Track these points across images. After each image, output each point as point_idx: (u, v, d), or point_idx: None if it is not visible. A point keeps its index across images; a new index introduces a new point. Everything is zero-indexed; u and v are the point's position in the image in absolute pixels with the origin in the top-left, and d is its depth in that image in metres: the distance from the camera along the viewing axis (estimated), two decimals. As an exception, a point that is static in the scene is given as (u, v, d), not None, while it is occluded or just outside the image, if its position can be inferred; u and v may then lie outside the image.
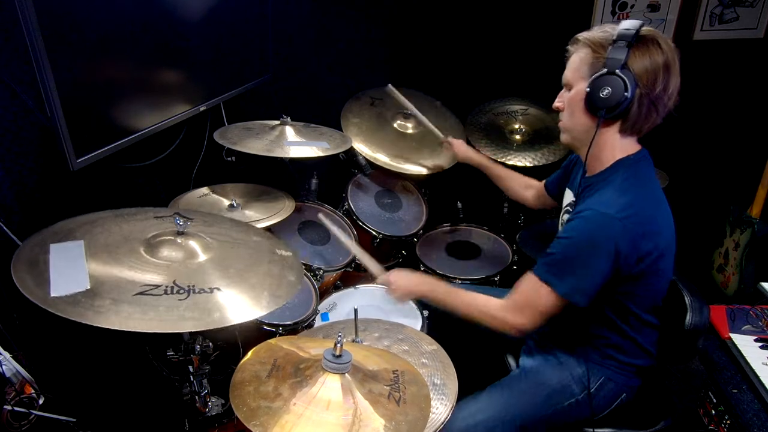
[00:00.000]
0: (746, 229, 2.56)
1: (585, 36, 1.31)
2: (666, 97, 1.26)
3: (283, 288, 1.15)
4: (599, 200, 1.27)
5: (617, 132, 1.32)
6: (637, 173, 1.32)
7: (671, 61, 1.23)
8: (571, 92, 1.34)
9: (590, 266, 1.24)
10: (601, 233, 1.22)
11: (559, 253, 1.28)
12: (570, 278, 1.26)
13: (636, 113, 1.26)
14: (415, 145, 2.41)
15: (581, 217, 1.26)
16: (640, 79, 1.22)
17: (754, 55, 2.76)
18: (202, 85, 1.95)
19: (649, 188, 1.32)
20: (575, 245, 1.26)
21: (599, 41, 1.27)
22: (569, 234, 1.27)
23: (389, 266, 2.40)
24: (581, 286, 1.26)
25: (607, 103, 1.24)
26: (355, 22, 2.74)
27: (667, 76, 1.23)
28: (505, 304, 1.35)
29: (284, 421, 0.92)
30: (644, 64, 1.22)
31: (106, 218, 1.25)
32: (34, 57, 1.18)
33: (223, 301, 1.04)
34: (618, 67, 1.22)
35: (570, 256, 1.26)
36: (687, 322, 1.40)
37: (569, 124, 1.38)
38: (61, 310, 0.92)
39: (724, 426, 1.43)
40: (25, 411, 1.27)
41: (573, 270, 1.25)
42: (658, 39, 1.24)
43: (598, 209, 1.24)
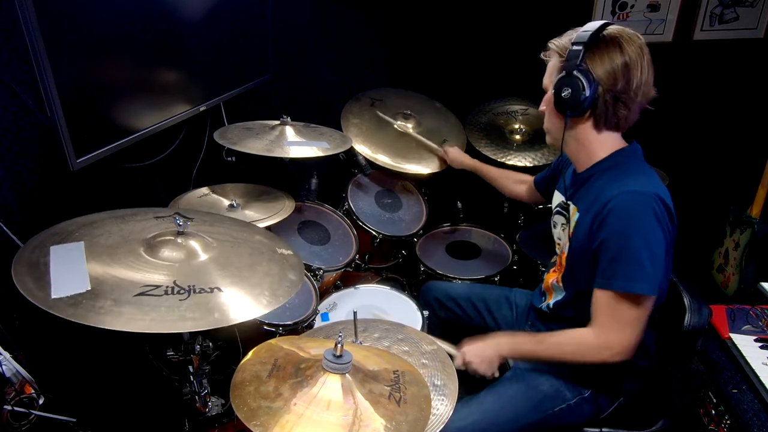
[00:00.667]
0: (746, 229, 2.56)
1: (554, 42, 1.37)
2: (632, 93, 1.28)
3: (284, 287, 1.15)
4: (616, 186, 1.27)
5: (593, 128, 1.35)
6: (638, 160, 1.36)
7: (632, 60, 1.25)
8: (546, 97, 1.40)
9: (650, 245, 1.22)
10: (640, 211, 1.22)
11: (617, 256, 1.25)
12: (646, 270, 1.22)
13: (603, 110, 1.30)
14: (415, 146, 2.41)
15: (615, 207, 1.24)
16: (600, 78, 1.26)
17: (754, 55, 2.76)
18: (202, 85, 1.95)
19: (653, 173, 1.34)
20: (625, 239, 1.23)
21: (564, 46, 1.32)
22: (614, 230, 1.25)
23: (389, 266, 2.42)
24: (656, 273, 1.24)
25: (570, 103, 1.29)
26: (355, 22, 2.74)
27: (628, 74, 1.26)
28: (598, 332, 1.30)
29: (285, 421, 0.91)
30: (602, 63, 1.26)
31: (106, 219, 1.25)
32: (34, 57, 1.18)
33: (224, 301, 1.04)
34: (574, 68, 1.26)
35: (628, 252, 1.23)
36: (686, 323, 1.40)
37: (547, 125, 1.45)
38: (62, 311, 0.92)
39: (724, 426, 1.43)
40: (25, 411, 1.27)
41: (645, 260, 1.22)
42: (620, 38, 1.27)
43: (623, 190, 1.24)
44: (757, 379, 1.41)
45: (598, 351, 1.30)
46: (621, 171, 1.32)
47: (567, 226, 1.46)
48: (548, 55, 1.38)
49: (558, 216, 1.53)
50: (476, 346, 1.46)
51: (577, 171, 1.44)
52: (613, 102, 1.28)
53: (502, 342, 1.47)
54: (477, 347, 1.46)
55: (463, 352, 1.46)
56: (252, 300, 1.07)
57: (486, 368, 1.44)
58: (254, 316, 1.04)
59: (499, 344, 1.46)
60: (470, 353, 1.45)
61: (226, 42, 2.06)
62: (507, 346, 1.46)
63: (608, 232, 1.26)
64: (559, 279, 1.48)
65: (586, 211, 1.35)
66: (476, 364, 1.44)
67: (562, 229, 1.50)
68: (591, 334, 1.31)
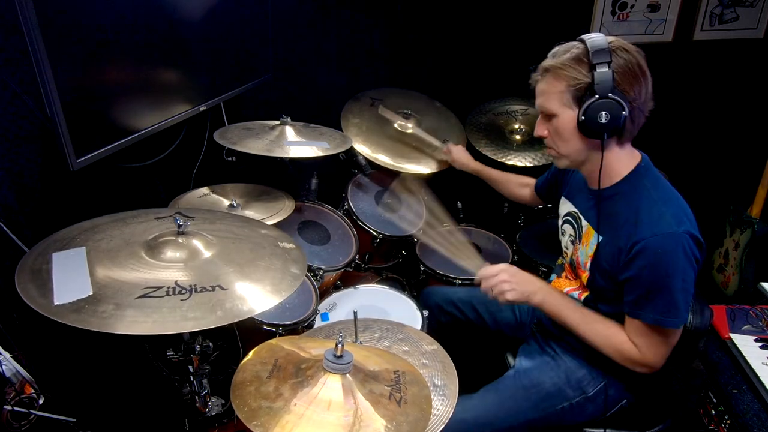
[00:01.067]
0: (746, 229, 2.56)
1: (553, 63, 1.28)
2: (648, 100, 1.28)
3: (286, 281, 1.15)
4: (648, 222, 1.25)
5: (616, 145, 1.32)
6: (657, 179, 1.34)
7: (643, 68, 1.25)
8: (558, 121, 1.31)
9: (686, 286, 1.23)
10: (676, 254, 1.21)
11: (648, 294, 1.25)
12: (679, 306, 1.24)
13: (630, 125, 1.28)
14: (415, 145, 2.41)
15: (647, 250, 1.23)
16: (627, 93, 1.24)
17: (754, 55, 2.76)
18: (202, 85, 1.95)
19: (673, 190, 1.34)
20: (658, 282, 1.23)
21: (572, 65, 1.25)
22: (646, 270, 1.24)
23: (389, 266, 2.42)
24: (688, 304, 1.26)
25: (608, 127, 1.24)
26: (355, 23, 2.74)
27: (645, 79, 1.25)
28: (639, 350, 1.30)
29: (285, 422, 0.91)
30: (627, 77, 1.23)
31: (108, 223, 1.25)
32: (34, 57, 1.18)
33: (225, 299, 1.04)
34: (609, 90, 1.21)
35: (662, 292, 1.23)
36: (688, 323, 1.40)
37: (565, 150, 1.36)
38: (64, 318, 0.92)
39: (724, 426, 1.43)
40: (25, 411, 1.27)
41: (676, 298, 1.23)
42: (627, 49, 1.25)
43: (659, 233, 1.22)
44: (757, 379, 1.41)
45: (636, 365, 1.33)
46: (645, 197, 1.29)
47: (578, 241, 1.45)
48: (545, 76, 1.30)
49: (567, 226, 1.52)
50: (518, 271, 1.44)
51: (591, 185, 1.40)
52: (638, 114, 1.28)
53: (540, 284, 1.44)
54: (519, 272, 1.43)
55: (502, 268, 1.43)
56: (254, 296, 1.07)
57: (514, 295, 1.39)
58: (257, 312, 1.04)
59: (536, 283, 1.43)
60: (508, 269, 1.43)
61: (226, 42, 2.06)
62: (545, 293, 1.42)
63: (638, 272, 1.25)
64: (582, 296, 1.47)
65: (611, 240, 1.32)
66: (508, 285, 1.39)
67: (570, 240, 1.50)
68: (634, 349, 1.31)
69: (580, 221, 1.45)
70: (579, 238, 1.45)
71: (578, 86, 1.25)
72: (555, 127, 1.33)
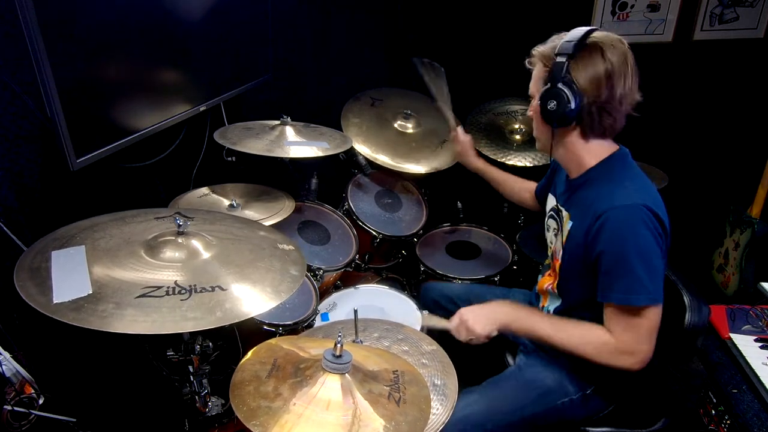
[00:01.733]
0: (746, 229, 2.56)
1: (537, 50, 1.36)
2: (615, 102, 1.27)
3: (286, 282, 1.15)
4: (606, 199, 1.27)
5: (580, 137, 1.35)
6: (628, 165, 1.36)
7: (615, 69, 1.24)
8: (533, 104, 1.39)
9: (649, 258, 1.23)
10: (631, 225, 1.22)
11: (612, 270, 1.25)
12: (643, 280, 1.22)
13: (589, 120, 1.30)
14: (415, 145, 2.41)
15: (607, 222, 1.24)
16: (584, 89, 1.25)
17: (754, 55, 2.76)
18: (202, 85, 1.95)
19: (645, 178, 1.34)
20: (619, 253, 1.23)
21: (547, 54, 1.32)
22: (608, 245, 1.24)
23: (389, 266, 2.42)
24: (655, 279, 1.24)
25: (556, 115, 1.29)
26: (354, 22, 2.74)
27: (611, 83, 1.25)
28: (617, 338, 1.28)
29: (284, 421, 0.91)
30: (586, 74, 1.25)
31: (107, 222, 1.25)
32: (34, 57, 1.18)
33: (225, 299, 1.04)
34: (559, 81, 1.25)
35: (623, 266, 1.23)
36: (686, 321, 1.40)
37: (536, 133, 1.44)
38: (64, 316, 0.92)
39: (724, 426, 1.43)
40: (25, 411, 1.27)
41: (641, 272, 1.22)
42: (603, 46, 1.25)
43: (613, 205, 1.24)
44: (757, 379, 1.41)
45: (620, 356, 1.29)
46: (610, 179, 1.32)
47: (559, 231, 1.46)
48: (532, 62, 1.38)
49: (551, 220, 1.53)
50: (474, 307, 1.47)
51: (569, 177, 1.44)
52: (598, 112, 1.28)
53: (503, 308, 1.45)
54: (474, 308, 1.46)
55: (460, 312, 1.45)
56: (254, 297, 1.07)
57: (480, 328, 1.40)
58: (256, 313, 1.04)
59: (497, 310, 1.45)
60: (466, 312, 1.44)
61: (226, 42, 2.06)
62: (509, 315, 1.43)
63: (602, 247, 1.26)
64: (554, 286, 1.48)
65: (579, 222, 1.35)
66: (471, 323, 1.41)
67: (554, 234, 1.50)
68: (610, 338, 1.29)
69: (560, 213, 1.46)
70: (560, 230, 1.46)
71: (546, 74, 1.31)
72: (532, 110, 1.41)
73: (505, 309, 1.46)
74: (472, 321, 1.42)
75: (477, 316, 1.43)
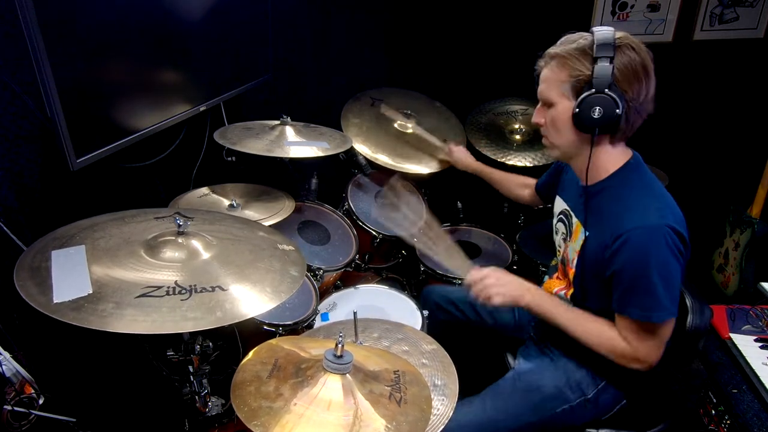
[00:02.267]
0: (746, 229, 2.56)
1: (558, 51, 1.28)
2: (648, 102, 1.26)
3: (286, 283, 1.15)
4: (628, 216, 1.24)
5: (608, 143, 1.32)
6: (645, 176, 1.33)
7: (648, 67, 1.23)
8: (555, 110, 1.31)
9: (670, 278, 1.22)
10: (658, 247, 1.20)
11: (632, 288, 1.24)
12: (662, 300, 1.22)
13: (624, 124, 1.26)
14: (416, 145, 2.41)
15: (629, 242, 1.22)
16: (626, 92, 1.23)
17: (754, 55, 2.76)
18: (202, 85, 1.95)
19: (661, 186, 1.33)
20: (640, 273, 1.22)
21: (576, 56, 1.24)
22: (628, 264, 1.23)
23: (389, 266, 2.42)
24: (674, 297, 1.24)
25: (600, 122, 1.24)
26: (354, 22, 2.74)
27: (648, 80, 1.24)
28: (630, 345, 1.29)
29: (285, 421, 0.91)
30: (628, 76, 1.22)
31: (107, 221, 1.25)
32: (34, 57, 1.18)
33: (225, 299, 1.04)
34: (606, 86, 1.21)
35: (643, 286, 1.23)
36: (688, 324, 1.40)
37: (558, 141, 1.36)
38: (64, 316, 0.92)
39: (724, 426, 1.43)
40: (25, 411, 1.27)
41: (661, 292, 1.22)
42: (636, 48, 1.23)
43: (641, 225, 1.22)
44: (757, 379, 1.41)
45: (630, 361, 1.31)
46: (630, 193, 1.29)
47: (569, 238, 1.45)
48: (549, 63, 1.30)
49: (560, 224, 1.52)
50: (502, 272, 1.43)
51: (582, 183, 1.40)
52: (634, 114, 1.26)
53: (531, 289, 1.42)
54: (503, 273, 1.42)
55: (486, 271, 1.42)
56: (254, 297, 1.07)
57: (500, 298, 1.38)
58: (256, 313, 1.04)
59: (523, 286, 1.41)
60: (492, 275, 1.41)
61: (226, 42, 2.06)
62: (532, 295, 1.40)
63: (621, 265, 1.24)
64: (568, 294, 1.47)
65: (595, 235, 1.32)
66: (494, 287, 1.38)
67: (563, 238, 1.49)
68: (625, 345, 1.30)
69: (571, 218, 1.45)
70: (570, 235, 1.45)
71: (578, 78, 1.24)
72: (552, 116, 1.33)
73: (530, 288, 1.42)
74: (494, 286, 1.39)
75: (501, 283, 1.39)
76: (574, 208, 1.45)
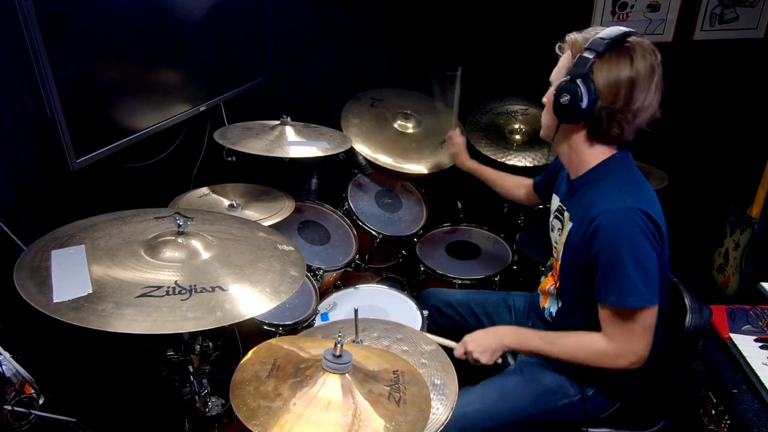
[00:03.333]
0: (746, 229, 2.56)
1: (571, 37, 1.30)
2: (629, 113, 1.23)
3: (286, 283, 1.15)
4: (602, 202, 1.26)
5: (585, 140, 1.32)
6: (627, 167, 1.34)
7: (638, 79, 1.20)
8: (549, 91, 1.36)
9: (644, 261, 1.22)
10: (625, 228, 1.21)
11: (606, 273, 1.24)
12: (636, 283, 1.22)
13: (596, 124, 1.26)
14: (415, 146, 2.41)
15: (600, 225, 1.23)
16: (600, 91, 1.22)
17: (754, 55, 2.76)
18: (202, 85, 1.95)
19: (644, 180, 1.33)
20: (612, 256, 1.22)
21: (579, 44, 1.26)
22: (602, 248, 1.24)
23: (389, 266, 2.42)
24: (649, 281, 1.23)
25: (566, 110, 1.26)
26: (355, 22, 2.74)
27: (630, 93, 1.21)
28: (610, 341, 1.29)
29: (284, 421, 0.91)
30: (608, 76, 1.21)
31: (107, 221, 1.25)
32: (34, 57, 1.18)
33: (225, 299, 1.04)
34: (579, 76, 1.21)
35: (616, 269, 1.22)
36: (687, 323, 1.40)
37: (544, 120, 1.42)
38: (64, 315, 0.92)
39: (724, 426, 1.43)
40: (25, 411, 1.27)
41: (634, 275, 1.21)
42: (633, 53, 1.21)
43: (608, 208, 1.23)
44: (757, 379, 1.41)
45: (614, 359, 1.30)
46: (609, 182, 1.30)
47: (562, 232, 1.46)
48: (563, 48, 1.33)
49: (555, 220, 1.53)
50: (477, 334, 1.47)
51: (570, 177, 1.43)
52: (608, 118, 1.25)
53: (506, 332, 1.47)
54: (478, 335, 1.47)
55: (465, 341, 1.47)
56: (254, 298, 1.07)
57: (488, 357, 1.44)
58: (256, 313, 1.04)
59: (501, 334, 1.46)
60: (471, 342, 1.46)
61: (226, 42, 2.06)
62: (511, 338, 1.46)
63: (597, 250, 1.25)
64: (555, 288, 1.48)
65: (577, 224, 1.35)
66: (477, 353, 1.43)
67: (558, 234, 1.50)
68: (604, 342, 1.30)
69: (563, 213, 1.46)
70: (562, 230, 1.46)
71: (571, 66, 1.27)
72: (547, 96, 1.38)
73: (506, 334, 1.47)
74: (477, 353, 1.44)
75: (481, 348, 1.44)
76: (564, 202, 1.46)
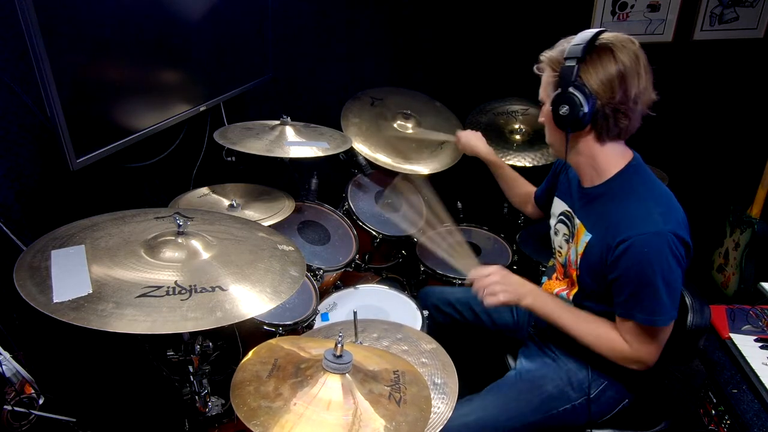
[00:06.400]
0: (746, 229, 2.56)
1: (545, 55, 1.34)
2: (630, 102, 1.25)
3: (286, 283, 1.15)
4: (635, 222, 1.25)
5: (596, 141, 1.33)
6: (647, 178, 1.34)
7: (627, 69, 1.22)
8: (544, 109, 1.38)
9: (673, 283, 1.24)
10: (662, 253, 1.21)
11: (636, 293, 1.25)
12: (666, 304, 1.24)
13: (604, 123, 1.28)
14: (415, 146, 2.41)
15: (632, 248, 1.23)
16: (596, 92, 1.24)
17: (754, 55, 2.76)
18: (202, 84, 1.95)
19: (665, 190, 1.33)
20: (644, 279, 1.23)
21: (556, 59, 1.30)
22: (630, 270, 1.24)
23: (389, 266, 2.42)
24: (676, 301, 1.26)
25: (569, 120, 1.27)
26: (355, 22, 2.74)
27: (624, 84, 1.23)
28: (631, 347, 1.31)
29: (284, 421, 0.92)
30: (597, 77, 1.23)
31: (107, 221, 1.25)
32: (34, 57, 1.18)
33: (225, 299, 1.04)
34: (569, 85, 1.24)
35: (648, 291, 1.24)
36: (688, 322, 1.40)
37: (550, 140, 1.43)
38: (64, 315, 0.91)
39: (724, 426, 1.43)
40: (25, 411, 1.26)
41: (665, 297, 1.24)
42: (613, 47, 1.23)
43: (644, 231, 1.22)
44: (757, 379, 1.41)
45: (630, 362, 1.33)
46: (633, 199, 1.29)
47: (571, 239, 1.45)
48: (541, 68, 1.36)
49: (560, 224, 1.52)
50: (513, 276, 1.43)
51: (584, 184, 1.41)
52: (614, 114, 1.26)
53: (531, 287, 1.43)
54: (514, 278, 1.43)
55: (493, 269, 1.42)
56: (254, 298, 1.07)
57: (504, 296, 1.38)
58: (256, 313, 1.04)
59: (525, 292, 1.41)
60: (501, 271, 1.42)
61: (226, 42, 2.06)
62: (535, 296, 1.41)
63: (625, 270, 1.25)
64: (571, 294, 1.47)
65: (598, 238, 1.33)
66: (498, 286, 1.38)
67: (564, 239, 1.49)
68: (626, 346, 1.32)
69: (573, 219, 1.45)
70: (572, 237, 1.45)
71: (555, 79, 1.29)
72: (544, 116, 1.39)
73: (533, 289, 1.43)
74: (498, 284, 1.39)
75: (505, 282, 1.40)
76: (576, 210, 1.45)
